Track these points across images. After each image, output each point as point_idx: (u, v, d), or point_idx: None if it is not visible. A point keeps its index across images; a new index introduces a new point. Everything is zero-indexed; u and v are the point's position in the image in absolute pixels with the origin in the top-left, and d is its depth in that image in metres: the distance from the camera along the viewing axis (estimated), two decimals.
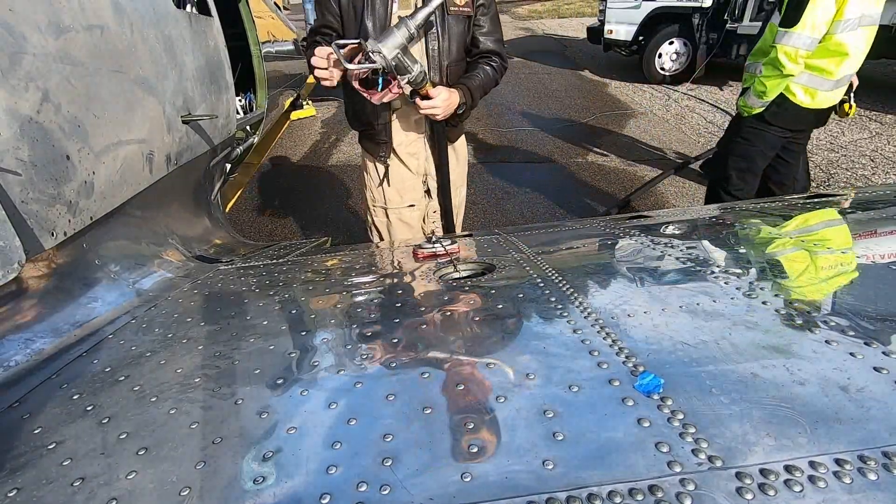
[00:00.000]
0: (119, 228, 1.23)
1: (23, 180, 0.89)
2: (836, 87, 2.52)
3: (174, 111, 1.55)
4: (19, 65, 0.91)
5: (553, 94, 7.60)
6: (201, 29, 1.89)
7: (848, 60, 2.40)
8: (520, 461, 0.54)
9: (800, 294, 0.85)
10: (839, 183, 4.34)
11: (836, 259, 1.01)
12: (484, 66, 1.83)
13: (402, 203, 2.00)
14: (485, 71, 1.82)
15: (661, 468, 0.51)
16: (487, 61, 1.84)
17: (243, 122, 2.95)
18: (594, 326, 0.78)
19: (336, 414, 0.65)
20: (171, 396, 0.73)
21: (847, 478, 0.49)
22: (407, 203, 2.01)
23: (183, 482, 0.56)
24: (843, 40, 2.34)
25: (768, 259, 1.06)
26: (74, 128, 1.04)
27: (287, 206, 4.37)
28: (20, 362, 0.88)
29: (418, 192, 2.02)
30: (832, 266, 0.99)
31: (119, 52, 1.26)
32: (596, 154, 5.31)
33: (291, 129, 6.27)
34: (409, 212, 2.02)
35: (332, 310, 1.01)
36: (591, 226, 1.58)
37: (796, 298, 0.82)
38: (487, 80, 1.83)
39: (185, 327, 0.97)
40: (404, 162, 1.94)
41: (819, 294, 0.86)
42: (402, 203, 2.00)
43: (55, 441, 0.66)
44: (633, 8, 7.68)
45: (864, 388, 0.59)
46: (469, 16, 1.76)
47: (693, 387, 0.62)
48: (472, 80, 1.78)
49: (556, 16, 15.19)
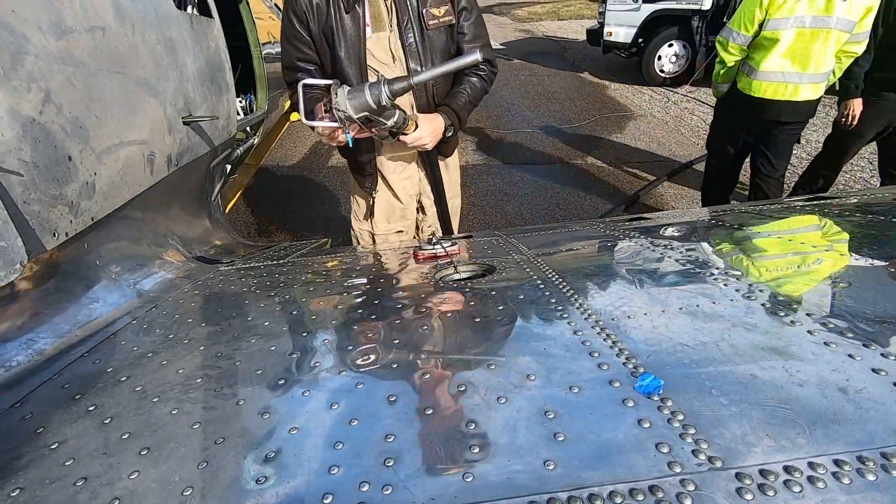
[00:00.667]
0: (120, 229, 1.24)
1: (25, 181, 0.89)
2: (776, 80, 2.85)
3: (175, 112, 1.55)
4: (21, 66, 0.91)
5: (552, 96, 7.61)
6: (202, 30, 1.90)
7: (774, 55, 2.80)
8: (521, 461, 0.54)
9: (798, 296, 0.85)
10: (838, 185, 4.35)
11: (834, 261, 1.02)
12: (470, 77, 1.70)
13: (389, 229, 1.93)
14: (471, 84, 1.69)
15: (662, 469, 0.52)
16: (474, 71, 1.71)
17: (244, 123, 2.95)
18: (594, 328, 0.78)
19: (338, 414, 0.65)
20: (172, 396, 0.73)
21: (846, 478, 0.49)
22: (395, 230, 1.93)
23: (185, 482, 0.57)
24: (771, 37, 2.76)
25: (767, 261, 1.06)
26: (76, 129, 1.04)
27: (287, 207, 4.38)
28: (22, 362, 0.88)
29: (407, 219, 1.94)
30: (830, 268, 0.99)
31: (120, 53, 1.26)
32: (595, 156, 5.32)
33: (291, 131, 6.27)
34: (397, 236, 1.95)
35: (332, 311, 1.01)
36: (591, 227, 1.58)
37: (795, 300, 0.82)
38: (475, 94, 1.71)
39: (185, 328, 0.97)
40: (394, 190, 1.84)
41: (818, 296, 0.86)
42: (390, 229, 1.93)
43: (57, 441, 0.66)
44: (633, 10, 7.69)
45: (862, 390, 0.59)
46: (451, 24, 1.61)
47: (693, 388, 0.62)
48: (458, 100, 1.65)
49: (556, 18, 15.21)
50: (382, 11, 1.52)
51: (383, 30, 1.53)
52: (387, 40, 1.55)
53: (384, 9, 1.52)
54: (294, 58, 1.58)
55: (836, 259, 1.02)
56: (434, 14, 1.55)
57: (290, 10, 1.51)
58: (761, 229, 1.28)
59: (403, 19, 1.52)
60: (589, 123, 6.37)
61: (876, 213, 1.35)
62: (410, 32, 1.54)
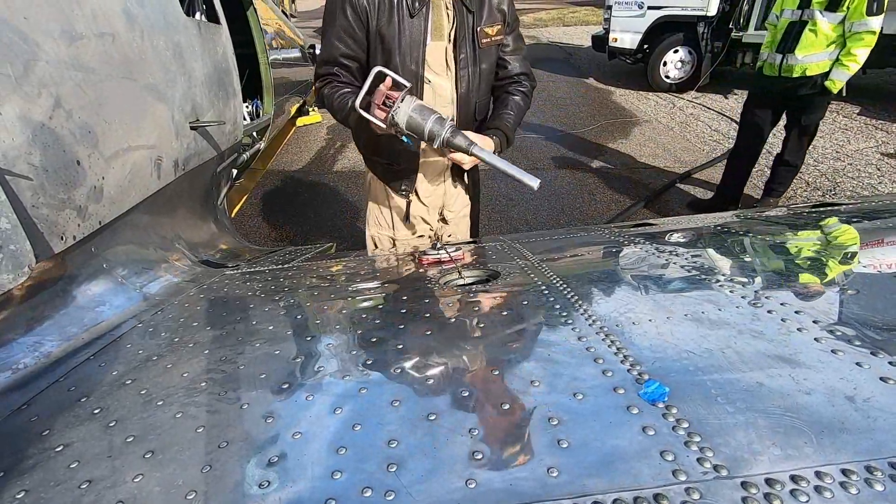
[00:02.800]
0: (127, 233, 1.25)
1: (34, 185, 0.90)
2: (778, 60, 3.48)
3: (183, 117, 1.57)
4: (33, 72, 0.92)
5: (558, 102, 7.62)
6: (210, 36, 1.92)
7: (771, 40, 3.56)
8: (524, 468, 0.54)
9: (805, 303, 0.85)
10: (845, 192, 4.32)
11: (841, 269, 1.01)
12: (514, 95, 1.70)
13: (411, 235, 1.92)
14: (516, 104, 1.69)
15: (667, 477, 0.51)
16: (517, 87, 1.70)
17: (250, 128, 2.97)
18: (599, 334, 0.78)
19: (341, 419, 0.65)
20: (177, 400, 0.73)
21: (853, 488, 0.48)
22: (417, 234, 1.92)
23: (189, 486, 0.57)
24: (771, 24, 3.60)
25: (773, 268, 1.06)
26: (85, 133, 1.05)
27: (292, 211, 4.39)
28: (29, 365, 0.89)
29: (430, 224, 1.93)
30: (838, 276, 0.98)
31: (130, 59, 1.28)
32: (600, 161, 5.32)
33: (297, 135, 6.31)
34: (417, 241, 1.94)
35: (337, 315, 1.01)
36: (596, 233, 1.58)
37: (802, 308, 0.82)
38: (521, 113, 1.70)
39: (191, 331, 0.97)
40: (421, 198, 1.84)
41: (825, 304, 0.86)
42: (412, 235, 1.92)
43: (63, 443, 0.66)
44: (638, 16, 7.70)
45: (870, 399, 0.59)
46: (500, 43, 1.62)
47: (698, 395, 0.62)
48: (506, 121, 1.64)
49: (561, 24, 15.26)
50: (444, 22, 1.52)
51: (441, 39, 1.53)
52: (443, 50, 1.55)
53: (446, 20, 1.52)
54: (339, 53, 1.53)
55: (844, 266, 1.02)
56: (487, 33, 1.56)
57: (347, 5, 1.46)
58: (767, 236, 1.27)
59: (461, 34, 1.52)
60: (594, 129, 6.37)
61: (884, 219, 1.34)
62: (464, 48, 1.55)
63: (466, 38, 1.54)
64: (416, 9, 1.46)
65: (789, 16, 3.40)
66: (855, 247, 1.17)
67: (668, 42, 7.62)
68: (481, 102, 1.67)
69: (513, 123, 1.67)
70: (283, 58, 3.88)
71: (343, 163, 5.48)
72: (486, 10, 1.55)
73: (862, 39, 3.13)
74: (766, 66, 3.58)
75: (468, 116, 1.65)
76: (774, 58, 3.51)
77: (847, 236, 1.25)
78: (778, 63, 3.47)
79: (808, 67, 3.35)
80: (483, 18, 1.54)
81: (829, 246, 1.20)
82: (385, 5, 1.47)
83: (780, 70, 3.47)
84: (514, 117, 1.68)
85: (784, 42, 3.44)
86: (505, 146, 1.64)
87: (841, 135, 5.50)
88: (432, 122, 1.29)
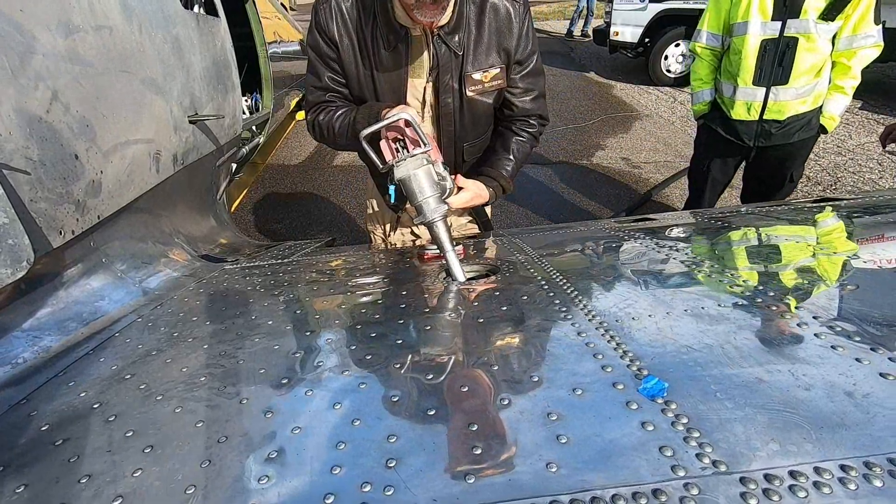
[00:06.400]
0: (126, 227, 1.24)
1: (32, 179, 0.89)
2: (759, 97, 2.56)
3: (181, 111, 1.56)
4: (29, 65, 0.92)
5: (558, 96, 7.59)
6: (208, 30, 1.90)
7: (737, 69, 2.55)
8: (523, 463, 0.54)
9: (805, 299, 0.85)
10: (846, 187, 4.32)
11: (842, 264, 1.01)
12: (519, 136, 1.52)
13: (402, 238, 1.88)
14: (520, 148, 1.51)
15: (665, 472, 0.51)
16: (524, 127, 1.52)
17: (249, 122, 2.97)
18: (598, 329, 0.78)
19: (340, 414, 0.65)
20: (176, 395, 0.73)
21: (852, 484, 0.48)
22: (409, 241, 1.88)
23: (188, 480, 0.57)
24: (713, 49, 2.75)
25: (773, 263, 1.06)
26: (83, 127, 1.05)
27: (292, 205, 4.39)
28: (28, 360, 0.89)
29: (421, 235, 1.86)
30: (838, 271, 0.98)
31: (127, 52, 1.27)
32: (601, 156, 5.30)
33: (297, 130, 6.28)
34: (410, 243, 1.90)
35: (336, 310, 1.01)
36: (596, 228, 1.57)
37: (802, 303, 0.82)
38: (523, 158, 1.53)
39: (190, 326, 0.97)
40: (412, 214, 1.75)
41: (825, 299, 0.86)
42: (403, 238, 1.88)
43: (62, 438, 0.67)
44: (639, 10, 7.66)
45: (869, 394, 0.59)
46: (500, 88, 1.43)
47: (697, 391, 0.62)
48: (504, 169, 1.48)
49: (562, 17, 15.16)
50: (424, 57, 1.36)
51: (420, 77, 1.38)
52: (422, 89, 1.41)
53: (427, 57, 1.36)
54: (330, 80, 1.43)
55: (844, 261, 1.01)
56: (477, 80, 1.37)
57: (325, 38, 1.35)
58: (768, 231, 1.27)
59: (444, 77, 1.35)
60: (595, 123, 6.35)
61: (885, 215, 1.34)
62: (449, 93, 1.38)
63: (451, 82, 1.37)
64: (390, 42, 1.31)
65: (759, 32, 2.35)
66: (855, 242, 1.16)
67: (670, 36, 7.59)
68: (472, 148, 1.53)
69: (511, 172, 1.51)
70: (283, 51, 3.86)
71: (343, 157, 5.47)
72: (481, 52, 1.35)
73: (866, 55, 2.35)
74: (737, 106, 2.54)
75: (452, 160, 1.50)
76: (751, 94, 2.47)
77: (847, 231, 1.25)
78: (760, 101, 2.46)
79: (803, 103, 2.43)
80: (472, 62, 1.35)
81: (830, 241, 1.20)
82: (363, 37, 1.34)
83: (761, 111, 2.48)
84: (514, 165, 1.51)
85: (764, 69, 2.40)
86: (500, 194, 1.50)
87: (842, 129, 5.49)
88: (428, 199, 1.14)
